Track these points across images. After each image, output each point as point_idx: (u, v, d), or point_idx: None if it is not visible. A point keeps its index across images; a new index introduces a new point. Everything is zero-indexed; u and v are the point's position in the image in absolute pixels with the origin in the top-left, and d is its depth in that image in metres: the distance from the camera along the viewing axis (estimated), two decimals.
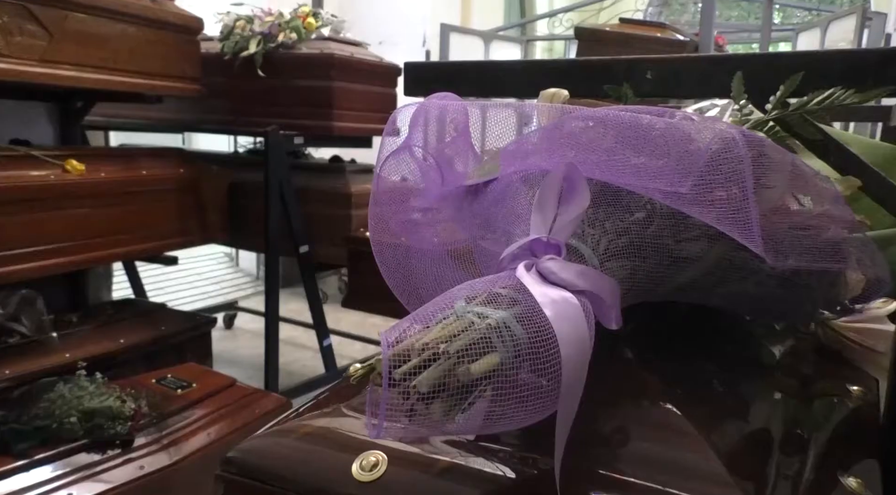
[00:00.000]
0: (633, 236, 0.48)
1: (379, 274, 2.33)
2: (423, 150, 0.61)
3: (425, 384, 0.34)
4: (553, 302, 0.37)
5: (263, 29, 2.58)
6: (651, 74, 0.63)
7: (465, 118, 0.62)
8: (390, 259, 0.60)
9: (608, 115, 0.54)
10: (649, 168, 0.50)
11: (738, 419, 0.48)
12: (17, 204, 1.97)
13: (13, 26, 1.91)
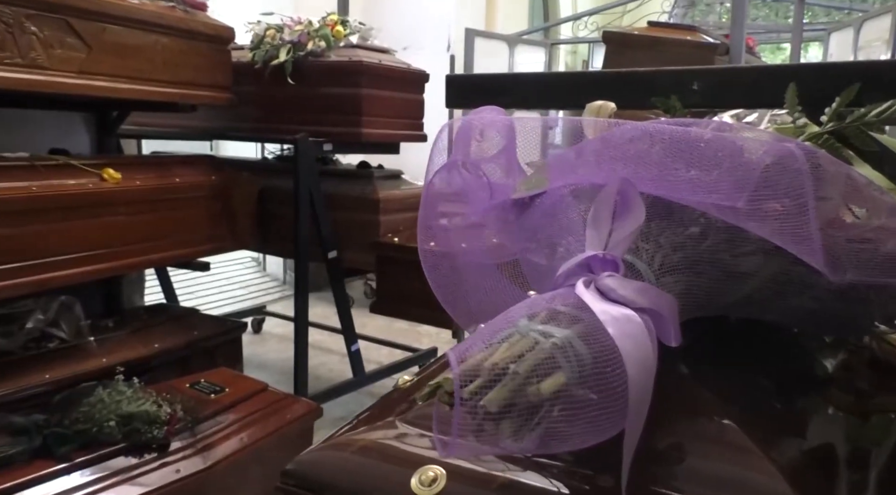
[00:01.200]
0: (688, 251, 0.48)
1: (407, 279, 2.39)
2: (469, 165, 0.62)
3: (495, 403, 0.34)
4: (615, 320, 0.38)
5: (293, 37, 2.62)
6: (698, 85, 0.62)
7: (510, 132, 0.62)
8: (438, 271, 0.61)
9: (656, 128, 0.54)
10: (702, 181, 0.50)
11: (797, 435, 0.47)
12: (57, 212, 2.01)
13: (54, 39, 1.96)
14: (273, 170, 3.11)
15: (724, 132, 0.58)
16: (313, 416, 2.24)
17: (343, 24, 2.69)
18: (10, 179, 1.91)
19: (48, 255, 1.99)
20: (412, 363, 3.39)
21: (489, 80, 1.00)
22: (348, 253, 2.85)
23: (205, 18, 2.49)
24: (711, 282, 0.47)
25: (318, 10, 4.64)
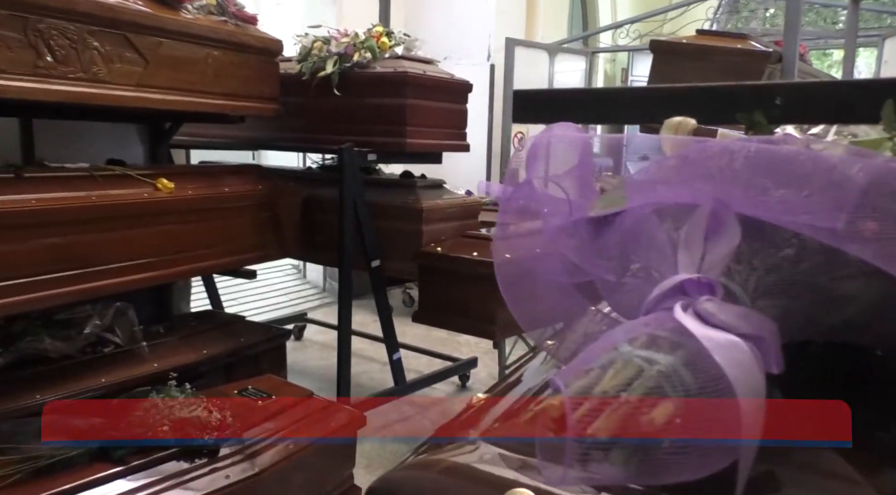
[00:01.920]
0: (783, 274, 0.46)
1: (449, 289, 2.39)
2: (545, 182, 0.62)
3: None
4: (721, 346, 0.37)
5: (339, 49, 2.66)
6: (780, 100, 0.61)
7: (585, 149, 0.61)
8: (515, 288, 0.60)
9: (738, 145, 0.53)
10: (793, 201, 0.48)
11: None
12: (114, 221, 2.07)
13: (114, 54, 2.02)
14: (317, 179, 3.15)
15: (805, 147, 0.57)
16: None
17: (388, 36, 2.72)
18: (71, 189, 1.97)
19: (105, 263, 2.05)
20: (452, 372, 3.39)
21: (557, 94, 1.00)
22: (391, 262, 2.86)
23: (254, 31, 2.55)
24: (809, 305, 0.46)
25: (361, 21, 4.71)
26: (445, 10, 5.05)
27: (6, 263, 1.76)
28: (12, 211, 1.78)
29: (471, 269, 2.55)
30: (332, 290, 5.17)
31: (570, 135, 0.61)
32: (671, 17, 5.33)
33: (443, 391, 3.41)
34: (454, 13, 5.01)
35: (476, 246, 2.64)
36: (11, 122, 2.29)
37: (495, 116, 4.91)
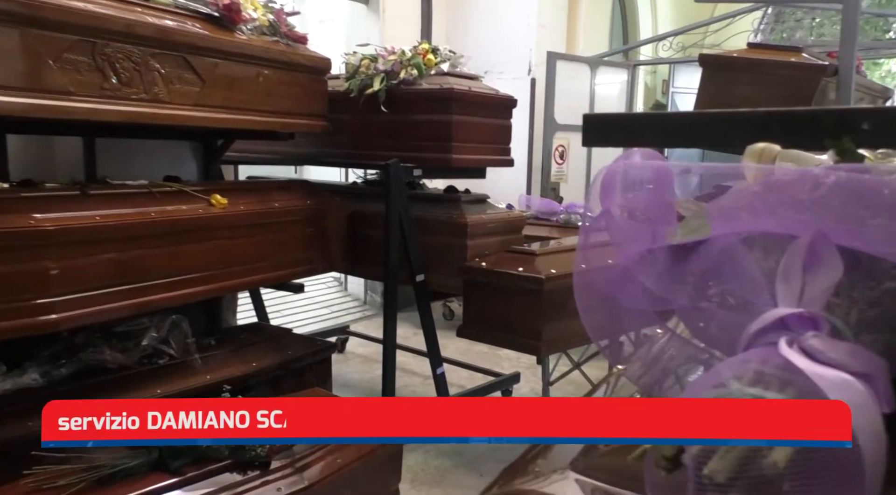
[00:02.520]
0: (886, 307, 0.45)
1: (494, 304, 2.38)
2: (624, 210, 0.62)
3: (722, 473, 0.34)
4: (835, 386, 0.36)
5: (386, 67, 2.70)
6: (868, 125, 0.60)
7: (664, 176, 0.61)
8: (596, 314, 0.60)
9: (826, 173, 0.53)
10: (891, 231, 0.48)
11: None
12: (171, 236, 2.13)
13: (173, 75, 2.09)
14: (362, 194, 3.19)
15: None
16: None
17: (434, 53, 2.76)
18: (131, 206, 2.04)
19: (162, 277, 2.10)
20: (495, 388, 3.37)
21: (628, 119, 1.00)
22: (435, 276, 2.88)
23: (304, 51, 2.60)
24: None
25: (404, 37, 4.77)
26: (486, 25, 5.08)
27: (72, 277, 1.83)
28: (78, 227, 1.85)
29: (516, 285, 2.55)
30: (372, 303, 5.22)
31: (647, 163, 0.61)
32: (713, 29, 5.27)
33: None
34: (495, 28, 5.04)
35: (521, 261, 2.63)
36: (76, 140, 2.39)
37: (536, 130, 4.91)
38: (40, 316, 1.77)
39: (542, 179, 4.95)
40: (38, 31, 1.70)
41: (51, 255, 1.79)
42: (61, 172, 2.39)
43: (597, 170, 4.46)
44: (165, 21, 2.08)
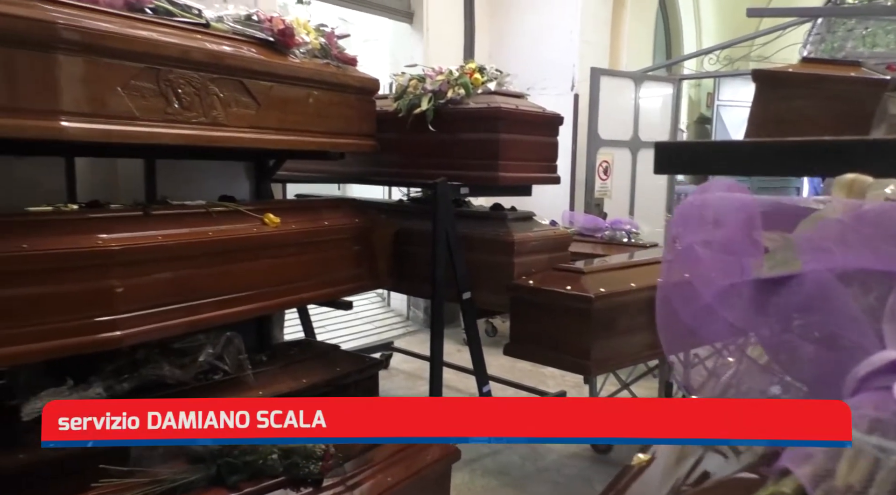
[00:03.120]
0: None
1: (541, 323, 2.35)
2: (707, 244, 0.61)
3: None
4: None
5: (434, 87, 2.73)
6: None
7: (750, 209, 0.61)
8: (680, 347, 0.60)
9: None
10: None
11: None
12: (227, 254, 2.19)
13: (231, 99, 2.16)
14: (407, 211, 3.22)
15: None
16: (452, 459, 2.26)
17: (481, 72, 2.78)
18: (191, 225, 2.11)
19: (218, 294, 2.16)
20: None
21: (702, 147, 0.99)
22: (481, 294, 2.88)
23: (354, 72, 2.66)
24: None
25: (448, 54, 4.82)
26: (529, 42, 5.10)
27: (135, 295, 1.90)
28: (141, 247, 1.91)
29: (564, 303, 2.53)
30: (415, 319, 5.24)
31: (731, 196, 0.61)
32: (759, 42, 5.18)
33: None
34: (538, 44, 5.06)
35: (569, 279, 2.62)
36: (137, 162, 2.48)
37: (579, 146, 4.89)
38: (106, 333, 1.84)
39: (586, 195, 4.92)
40: (108, 61, 1.78)
41: (116, 274, 1.86)
42: (124, 192, 2.48)
43: (641, 186, 4.41)
44: (223, 47, 2.16)
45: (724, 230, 0.61)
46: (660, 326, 0.62)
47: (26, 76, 1.65)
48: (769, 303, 0.59)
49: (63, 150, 2.19)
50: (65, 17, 1.70)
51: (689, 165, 0.73)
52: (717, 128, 8.02)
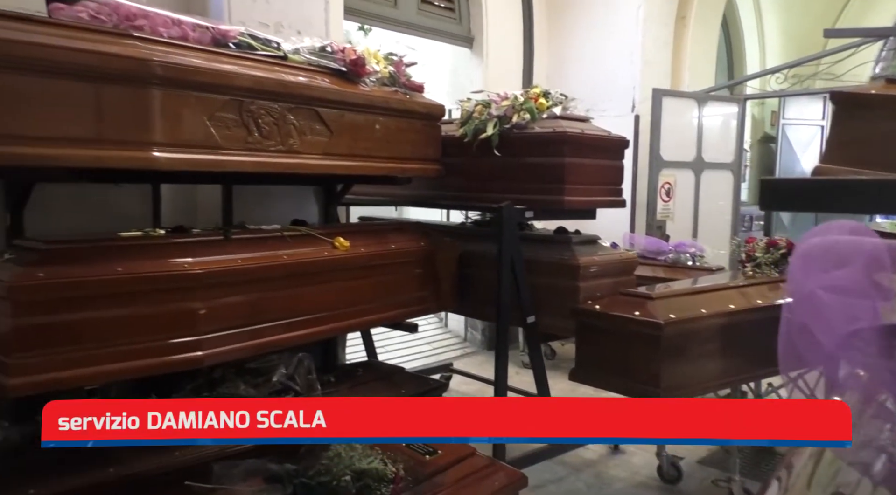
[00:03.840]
0: None
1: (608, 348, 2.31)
2: (830, 288, 0.60)
3: None
4: None
5: (500, 112, 2.76)
6: None
7: (879, 252, 0.60)
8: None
9: None
10: None
11: None
12: (301, 277, 2.25)
13: (306, 127, 2.24)
14: (470, 234, 3.24)
15: None
16: (519, 486, 2.24)
17: (545, 96, 2.80)
18: (267, 249, 2.18)
19: (291, 316, 2.22)
20: None
21: (810, 185, 0.97)
22: (545, 318, 2.86)
23: (420, 98, 2.71)
24: None
25: (507, 77, 4.87)
26: (588, 64, 5.10)
27: (216, 317, 1.97)
28: (223, 270, 1.99)
29: (633, 329, 2.49)
30: (472, 340, 5.24)
31: (849, 239, 0.60)
32: (827, 61, 5.03)
33: (595, 452, 3.30)
34: (597, 66, 5.05)
35: (636, 304, 2.57)
36: (215, 187, 2.59)
37: (640, 167, 4.83)
38: (189, 352, 1.92)
39: (648, 217, 4.84)
40: (197, 94, 1.88)
41: (199, 296, 1.94)
42: (201, 216, 2.59)
43: (705, 207, 4.31)
44: (299, 78, 2.24)
45: (849, 273, 0.60)
46: (782, 368, 0.61)
47: (122, 110, 1.76)
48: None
49: (150, 178, 2.31)
50: (159, 54, 1.81)
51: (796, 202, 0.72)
52: (782, 148, 7.78)
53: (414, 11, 4.49)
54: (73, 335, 1.69)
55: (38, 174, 1.95)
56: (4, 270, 1.66)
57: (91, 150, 1.70)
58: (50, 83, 1.63)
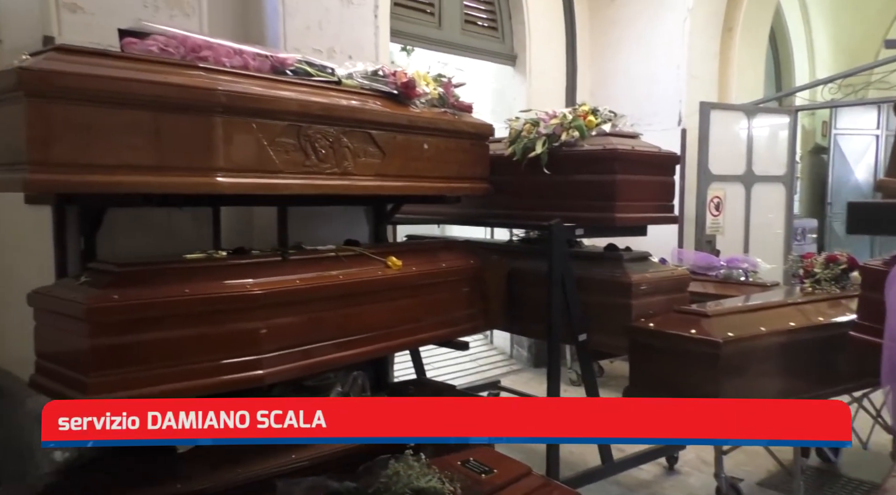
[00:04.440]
0: None
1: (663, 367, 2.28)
2: None
3: None
4: None
5: (548, 130, 2.77)
6: None
7: None
8: None
9: None
10: None
11: None
12: (355, 296, 2.29)
13: (360, 150, 2.29)
14: (519, 252, 3.24)
15: None
16: None
17: (594, 114, 2.79)
18: (323, 269, 2.23)
19: (346, 335, 2.26)
20: (659, 453, 3.21)
21: None
22: (596, 335, 2.84)
23: (469, 118, 2.74)
24: None
25: (550, 93, 4.88)
26: (633, 79, 5.07)
27: (276, 336, 2.02)
28: (282, 290, 2.04)
29: (689, 348, 2.45)
30: (518, 357, 5.21)
31: None
32: (881, 69, 4.89)
33: (650, 472, 3.24)
34: (642, 81, 5.01)
35: (692, 322, 2.53)
36: (270, 209, 2.66)
37: (688, 182, 4.76)
38: (250, 371, 1.96)
39: (696, 232, 4.76)
40: (258, 120, 1.95)
41: (260, 316, 1.99)
42: (258, 237, 2.66)
43: (757, 221, 4.21)
44: (353, 102, 2.30)
45: None
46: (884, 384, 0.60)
47: (189, 137, 1.83)
48: None
49: (210, 201, 2.39)
50: (223, 83, 1.89)
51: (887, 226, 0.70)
52: (834, 158, 7.56)
53: (458, 32, 4.55)
54: (144, 354, 1.75)
55: (110, 199, 2.04)
56: (81, 292, 1.74)
57: (161, 177, 1.78)
58: (123, 114, 1.71)
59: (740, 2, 5.02)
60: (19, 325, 2.08)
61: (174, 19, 2.37)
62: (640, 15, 5.02)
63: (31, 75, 1.57)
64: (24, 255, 2.41)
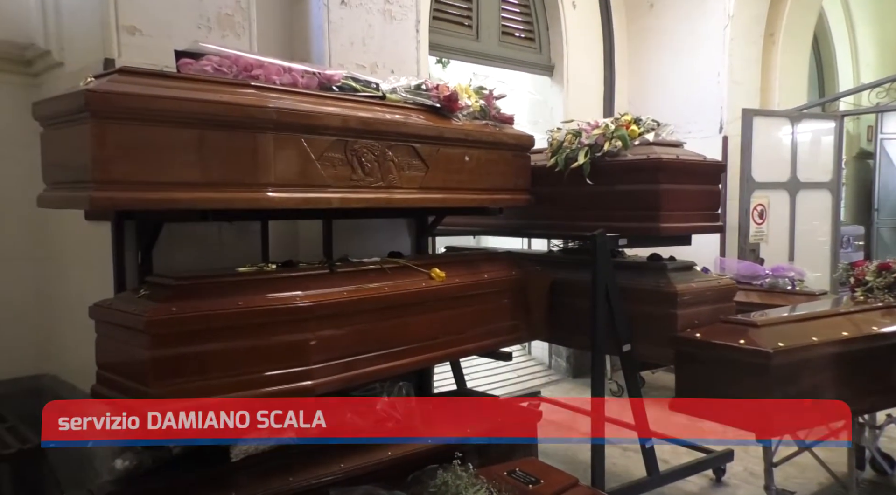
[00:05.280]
0: None
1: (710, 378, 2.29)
2: None
3: None
4: None
5: (591, 141, 2.77)
6: None
7: None
8: None
9: None
10: None
11: None
12: (401, 308, 2.31)
13: (404, 163, 2.32)
14: (561, 263, 3.23)
15: None
16: None
17: (637, 123, 2.78)
18: (369, 281, 2.26)
19: (393, 346, 2.28)
20: (706, 465, 3.15)
21: None
22: (641, 346, 2.80)
23: (510, 130, 2.76)
24: None
25: (587, 104, 4.86)
26: (672, 86, 5.02)
27: (324, 347, 2.05)
28: (330, 302, 2.08)
29: (738, 358, 2.40)
30: (557, 367, 5.17)
31: None
32: None
33: (696, 484, 3.18)
34: (681, 88, 4.96)
35: (740, 332, 2.49)
36: (315, 222, 2.71)
37: (730, 189, 4.68)
38: (300, 382, 2.00)
39: (740, 240, 4.68)
40: (307, 136, 2.00)
41: (309, 328, 2.03)
42: (304, 250, 2.71)
43: (802, 229, 4.11)
44: (397, 116, 2.34)
45: None
46: None
47: (241, 154, 1.88)
48: None
49: (259, 215, 2.45)
50: (274, 100, 1.94)
51: None
52: (881, 164, 7.35)
53: (496, 44, 4.58)
54: (200, 365, 1.80)
55: (166, 215, 2.10)
56: (141, 305, 1.80)
57: (216, 193, 1.83)
58: (181, 132, 1.77)
59: (783, 7, 4.93)
60: (80, 337, 2.16)
61: (226, 39, 2.44)
62: (679, 23, 4.97)
63: (98, 97, 1.64)
64: (84, 269, 2.51)
